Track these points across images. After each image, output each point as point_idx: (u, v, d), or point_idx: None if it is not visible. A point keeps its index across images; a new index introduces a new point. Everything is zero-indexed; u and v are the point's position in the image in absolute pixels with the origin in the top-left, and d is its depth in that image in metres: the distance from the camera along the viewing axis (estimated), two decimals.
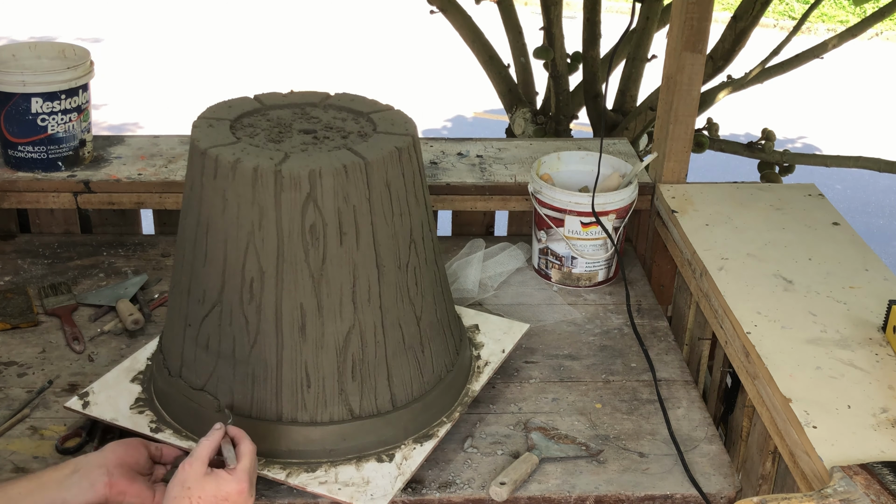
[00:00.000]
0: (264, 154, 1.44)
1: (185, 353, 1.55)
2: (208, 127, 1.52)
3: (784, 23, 10.08)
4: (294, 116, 1.61)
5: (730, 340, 1.72)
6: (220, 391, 1.51)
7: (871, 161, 3.00)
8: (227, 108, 1.60)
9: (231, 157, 1.41)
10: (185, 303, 1.53)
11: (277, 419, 1.49)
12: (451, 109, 7.67)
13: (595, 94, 3.23)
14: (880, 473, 1.30)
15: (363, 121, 1.61)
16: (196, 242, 1.48)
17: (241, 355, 1.48)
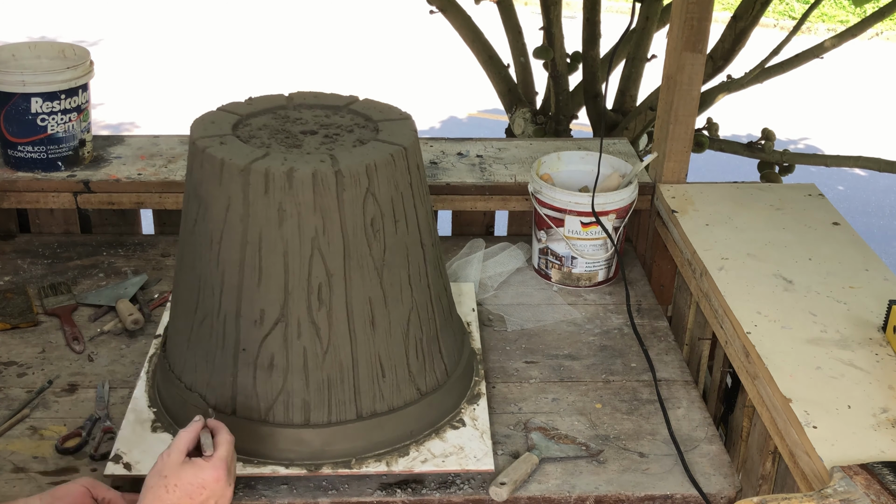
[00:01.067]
0: (312, 158, 1.43)
1: (238, 382, 1.49)
2: (221, 144, 1.46)
3: (784, 23, 10.08)
4: (280, 121, 1.60)
5: (730, 340, 1.72)
6: (293, 406, 1.49)
7: (871, 161, 3.00)
8: (211, 124, 1.54)
9: (283, 168, 1.39)
10: (234, 329, 1.46)
11: (358, 417, 1.52)
12: (449, 109, 7.67)
13: (595, 94, 3.23)
14: (880, 473, 1.30)
15: (348, 115, 1.64)
16: (244, 264, 1.43)
17: (313, 364, 1.48)
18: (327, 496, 1.48)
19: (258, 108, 1.63)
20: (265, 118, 1.61)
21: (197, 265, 1.49)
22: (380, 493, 1.49)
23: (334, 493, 1.48)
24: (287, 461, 1.49)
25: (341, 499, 1.48)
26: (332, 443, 1.50)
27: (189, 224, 1.51)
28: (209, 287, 1.48)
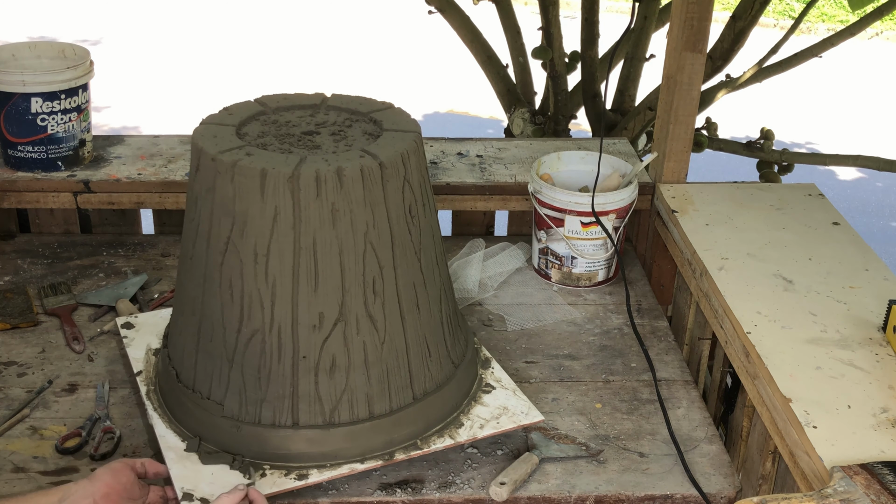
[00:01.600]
0: (351, 155, 1.45)
1: (299, 391, 1.47)
2: (249, 156, 1.43)
3: (784, 22, 10.09)
4: (272, 126, 1.59)
5: (730, 340, 1.72)
6: (358, 402, 1.50)
7: (870, 160, 3.00)
8: (214, 138, 1.50)
9: (331, 168, 1.40)
10: (291, 338, 1.45)
11: (414, 399, 1.56)
12: (449, 109, 7.67)
13: (594, 94, 3.23)
14: (880, 473, 1.30)
15: (332, 112, 1.66)
16: (298, 271, 1.43)
17: (373, 357, 1.50)
18: (327, 496, 1.48)
19: (244, 117, 1.60)
20: (255, 125, 1.59)
21: (237, 284, 1.45)
22: (380, 493, 1.49)
23: (334, 493, 1.48)
24: (360, 457, 1.51)
25: (341, 499, 1.48)
26: (397, 429, 1.54)
27: (218, 245, 1.44)
28: (257, 303, 1.45)
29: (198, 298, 1.50)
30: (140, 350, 1.75)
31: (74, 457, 1.55)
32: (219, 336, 1.49)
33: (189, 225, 1.52)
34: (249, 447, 1.49)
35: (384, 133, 1.54)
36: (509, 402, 1.65)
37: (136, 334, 1.80)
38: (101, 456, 1.54)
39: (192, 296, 1.52)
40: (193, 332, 1.53)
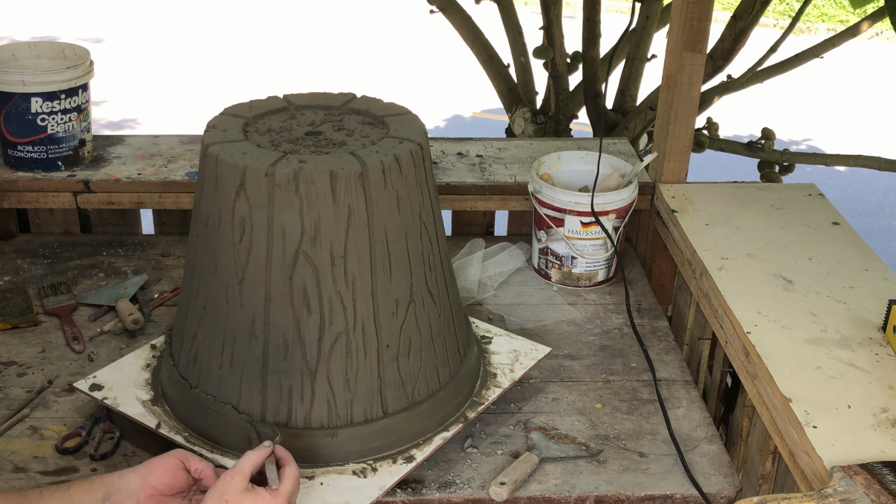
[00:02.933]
0: (388, 141, 1.50)
1: (386, 380, 1.50)
2: (302, 163, 1.40)
3: (784, 22, 10.08)
4: (276, 134, 1.57)
5: (730, 340, 1.72)
6: (430, 377, 1.57)
7: (871, 160, 3.00)
8: (248, 154, 1.45)
9: (388, 157, 1.43)
10: (374, 332, 1.47)
11: (462, 362, 1.65)
12: (450, 109, 7.67)
13: (595, 94, 3.23)
14: (880, 473, 1.30)
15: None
16: (374, 266, 1.45)
17: (436, 331, 1.58)
18: None
19: (251, 129, 1.58)
20: (260, 135, 1.56)
21: (314, 293, 1.43)
22: None
23: None
24: (442, 426, 1.58)
25: None
26: (460, 391, 1.63)
27: (284, 260, 1.41)
28: (338, 305, 1.44)
29: (259, 322, 1.45)
30: (134, 404, 1.60)
31: (74, 457, 1.55)
32: (296, 353, 1.45)
33: (228, 252, 1.44)
34: (348, 451, 1.49)
35: (389, 127, 1.57)
36: (514, 345, 1.78)
37: (115, 390, 1.63)
38: (100, 456, 1.54)
39: (246, 324, 1.46)
40: (255, 361, 1.47)
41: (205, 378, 1.53)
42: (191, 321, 1.54)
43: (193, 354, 1.54)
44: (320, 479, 1.46)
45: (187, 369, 1.55)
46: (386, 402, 1.51)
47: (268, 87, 1.93)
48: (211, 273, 1.48)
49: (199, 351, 1.53)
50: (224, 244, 1.44)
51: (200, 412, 1.52)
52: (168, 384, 1.60)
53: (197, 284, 1.51)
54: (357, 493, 1.44)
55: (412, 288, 1.51)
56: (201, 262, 1.50)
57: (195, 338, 1.53)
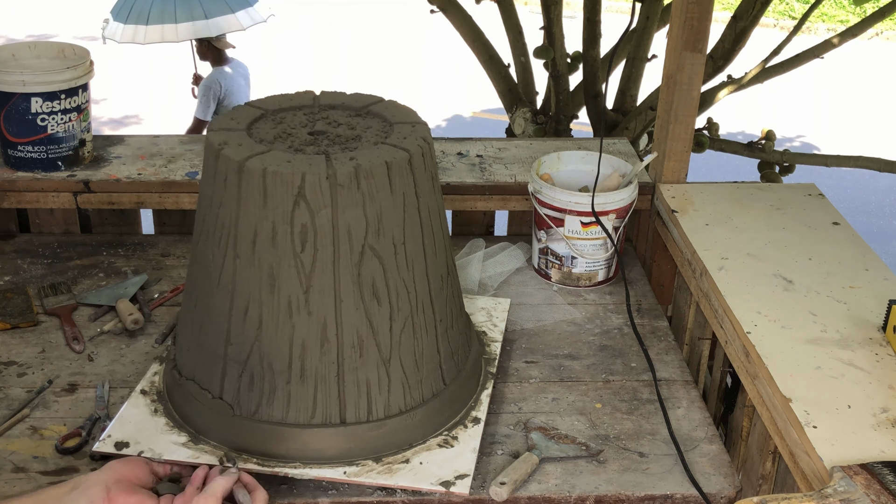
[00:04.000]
0: (400, 130, 1.54)
1: (443, 355, 1.59)
2: (353, 160, 1.43)
3: (784, 22, 10.08)
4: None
5: (730, 340, 1.72)
6: (460, 352, 1.64)
7: (871, 161, 3.01)
8: (291, 162, 1.43)
9: (417, 145, 1.48)
10: (433, 310, 1.54)
11: (470, 355, 1.71)
12: (450, 109, 7.67)
13: (595, 94, 3.23)
14: (880, 473, 1.30)
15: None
16: (425, 242, 1.51)
17: (461, 305, 1.69)
18: (327, 496, 1.48)
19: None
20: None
21: (381, 284, 1.46)
22: (380, 493, 1.49)
23: (334, 493, 1.48)
24: (483, 386, 1.70)
25: (341, 499, 1.48)
26: (479, 357, 1.75)
27: (352, 257, 1.43)
28: (403, 291, 1.50)
29: (330, 326, 1.46)
30: (179, 450, 1.52)
31: (74, 457, 1.55)
32: (371, 346, 1.48)
33: (288, 264, 1.42)
34: (426, 428, 1.58)
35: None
36: (477, 303, 1.92)
37: (144, 442, 1.53)
38: (100, 456, 1.54)
39: (316, 331, 1.46)
40: (330, 366, 1.48)
41: (268, 400, 1.49)
42: (238, 346, 1.48)
43: (248, 379, 1.49)
44: (416, 459, 1.52)
45: (239, 396, 1.51)
46: (445, 374, 1.60)
47: (268, 87, 1.92)
48: (267, 291, 1.44)
49: (257, 374, 1.48)
50: (283, 258, 1.42)
51: (265, 436, 1.50)
52: (204, 418, 1.54)
53: (244, 306, 1.46)
54: (458, 461, 1.52)
55: (447, 262, 1.60)
56: (248, 283, 1.45)
57: (248, 361, 1.48)
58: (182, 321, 1.63)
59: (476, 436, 1.58)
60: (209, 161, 1.49)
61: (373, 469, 1.50)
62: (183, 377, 1.58)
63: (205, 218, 1.50)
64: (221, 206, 1.45)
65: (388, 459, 1.52)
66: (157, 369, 1.71)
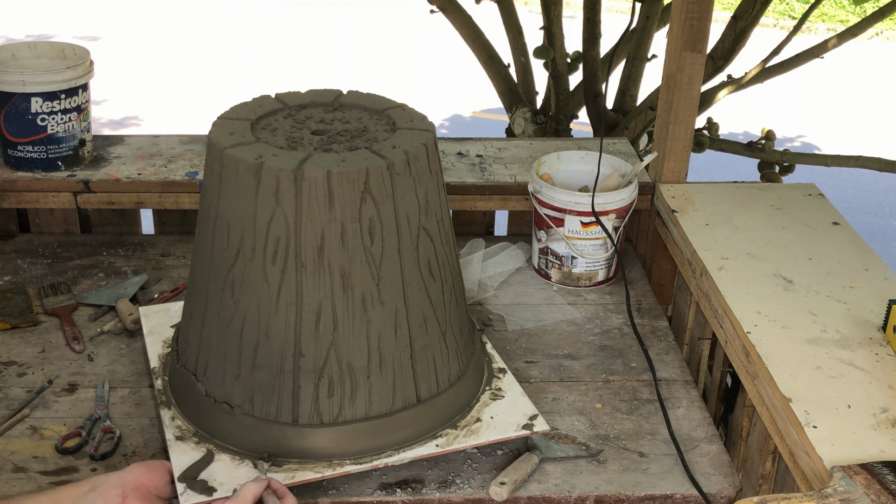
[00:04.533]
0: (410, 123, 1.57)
1: (470, 317, 1.70)
2: (393, 147, 1.48)
3: (784, 22, 10.08)
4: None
5: (730, 340, 1.72)
6: (463, 330, 1.67)
7: (871, 161, 3.01)
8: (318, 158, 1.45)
9: (426, 143, 1.51)
10: (459, 273, 1.63)
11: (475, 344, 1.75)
12: (450, 109, 7.67)
13: (595, 94, 3.23)
14: (880, 473, 1.30)
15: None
16: (449, 215, 1.58)
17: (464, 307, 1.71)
18: (327, 496, 1.48)
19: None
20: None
21: (433, 262, 1.53)
22: (380, 493, 1.49)
23: (334, 493, 1.48)
24: None
25: (341, 498, 1.48)
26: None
27: (410, 238, 1.48)
28: (447, 266, 1.57)
29: (401, 312, 1.50)
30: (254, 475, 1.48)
31: (74, 457, 1.55)
32: (432, 322, 1.55)
33: (360, 260, 1.45)
34: (469, 396, 1.64)
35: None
36: None
37: (226, 484, 1.46)
38: (101, 456, 1.54)
39: (390, 320, 1.50)
40: (404, 350, 1.52)
41: (350, 400, 1.50)
42: (312, 356, 1.47)
43: (326, 385, 1.48)
44: (485, 415, 1.62)
45: (318, 406, 1.49)
46: (474, 336, 1.73)
47: (267, 87, 1.92)
48: (339, 292, 1.45)
49: (336, 377, 1.48)
50: (354, 255, 1.44)
51: (357, 435, 1.51)
52: (280, 442, 1.50)
53: (314, 315, 1.45)
54: (518, 406, 1.64)
55: (456, 253, 1.65)
56: (317, 290, 1.44)
57: (324, 368, 1.47)
58: (211, 354, 1.54)
59: (513, 382, 1.70)
60: (244, 179, 1.43)
61: (457, 435, 1.56)
62: (237, 409, 1.51)
63: (242, 242, 1.45)
64: (272, 221, 1.42)
65: (462, 423, 1.59)
66: (172, 413, 1.59)
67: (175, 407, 1.59)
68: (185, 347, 1.61)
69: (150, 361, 1.73)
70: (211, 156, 1.49)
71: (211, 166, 1.49)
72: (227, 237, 1.47)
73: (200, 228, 1.55)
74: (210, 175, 1.50)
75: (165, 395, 1.62)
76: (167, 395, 1.62)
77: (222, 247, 1.48)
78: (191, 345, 1.59)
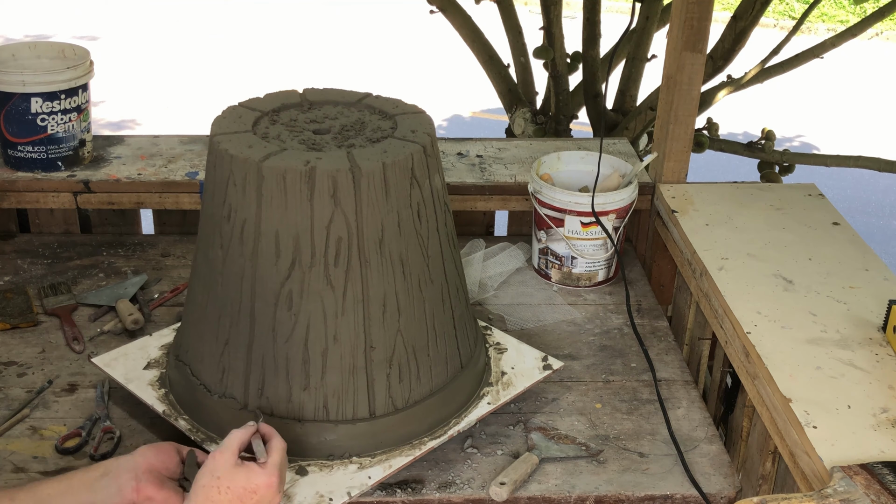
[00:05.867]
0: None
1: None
2: (412, 131, 1.52)
3: (784, 22, 10.08)
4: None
5: (730, 340, 1.72)
6: None
7: (871, 161, 3.01)
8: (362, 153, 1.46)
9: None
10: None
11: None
12: (450, 109, 7.67)
13: (595, 94, 3.23)
14: (880, 473, 1.30)
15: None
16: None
17: None
18: None
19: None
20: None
21: (453, 233, 1.61)
22: (380, 493, 1.49)
23: None
24: None
25: None
26: None
27: (442, 215, 1.55)
28: (454, 235, 1.61)
29: (445, 287, 1.57)
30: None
31: (74, 457, 1.55)
32: (463, 295, 1.63)
33: (414, 245, 1.49)
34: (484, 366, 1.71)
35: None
36: None
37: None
38: (101, 456, 1.54)
39: (438, 295, 1.55)
40: (449, 322, 1.58)
41: (417, 383, 1.55)
42: (383, 347, 1.49)
43: (396, 373, 1.51)
44: (506, 368, 1.71)
45: (391, 393, 1.52)
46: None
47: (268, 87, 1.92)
48: (400, 279, 1.48)
49: (402, 363, 1.52)
50: (410, 240, 1.49)
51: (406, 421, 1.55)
52: (355, 436, 1.51)
53: (382, 301, 1.47)
54: (522, 356, 1.76)
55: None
56: (381, 281, 1.46)
57: (393, 356, 1.50)
58: (269, 373, 1.49)
59: (503, 334, 1.81)
60: (294, 188, 1.39)
61: (498, 391, 1.67)
62: (307, 423, 1.49)
63: (297, 251, 1.42)
64: (332, 223, 1.41)
65: (493, 379, 1.70)
66: None
67: None
68: (226, 377, 1.51)
69: (153, 406, 1.59)
70: (240, 173, 1.41)
71: (241, 184, 1.41)
72: (275, 251, 1.42)
73: (228, 252, 1.46)
74: (240, 193, 1.42)
75: (203, 434, 1.53)
76: (204, 433, 1.53)
77: (270, 262, 1.43)
78: (234, 372, 1.50)
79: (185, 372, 1.58)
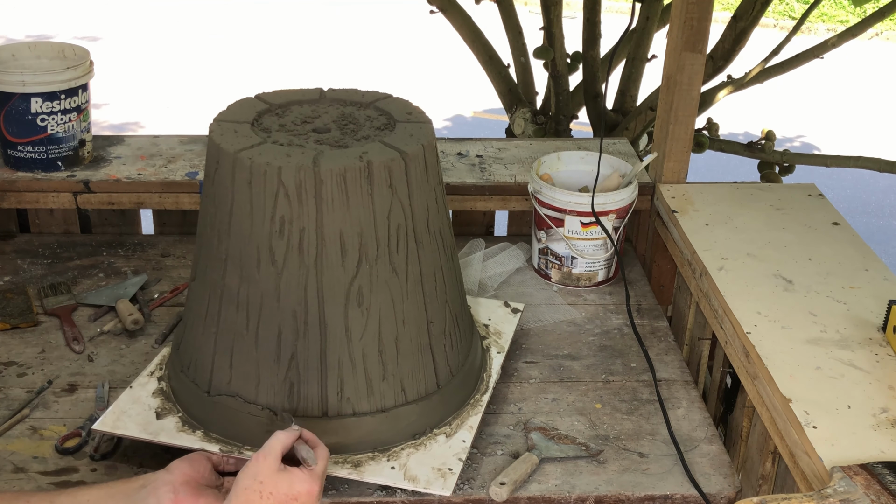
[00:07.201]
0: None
1: None
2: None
3: (784, 23, 10.08)
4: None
5: (730, 340, 1.72)
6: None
7: (871, 161, 3.00)
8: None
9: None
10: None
11: None
12: (450, 109, 7.67)
13: (595, 94, 3.23)
14: (880, 473, 1.30)
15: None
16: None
17: None
18: (327, 496, 1.48)
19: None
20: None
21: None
22: (380, 493, 1.49)
23: (334, 493, 1.48)
24: None
25: (341, 499, 1.48)
26: None
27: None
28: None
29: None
30: None
31: (74, 457, 1.55)
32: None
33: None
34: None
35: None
36: None
37: None
38: (101, 456, 1.54)
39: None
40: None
41: (463, 357, 1.63)
42: (439, 313, 1.55)
43: (450, 340, 1.59)
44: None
45: (449, 363, 1.59)
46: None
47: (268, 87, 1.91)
48: (443, 253, 1.56)
49: (452, 332, 1.59)
50: (442, 215, 1.56)
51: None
52: (426, 413, 1.55)
53: (433, 278, 1.53)
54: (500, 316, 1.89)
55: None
56: (431, 258, 1.52)
57: (446, 324, 1.57)
58: (347, 375, 1.47)
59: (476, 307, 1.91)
60: (355, 185, 1.39)
61: (491, 341, 1.78)
62: (376, 414, 1.50)
63: (363, 247, 1.42)
64: (391, 214, 1.43)
65: (484, 333, 1.80)
66: None
67: None
68: (297, 391, 1.48)
69: (203, 448, 1.48)
70: (291, 180, 1.37)
71: (296, 193, 1.38)
72: (340, 252, 1.41)
73: (286, 266, 1.41)
74: (290, 199, 1.38)
75: None
76: None
77: (337, 263, 1.41)
78: (307, 384, 1.47)
79: (230, 403, 1.50)
